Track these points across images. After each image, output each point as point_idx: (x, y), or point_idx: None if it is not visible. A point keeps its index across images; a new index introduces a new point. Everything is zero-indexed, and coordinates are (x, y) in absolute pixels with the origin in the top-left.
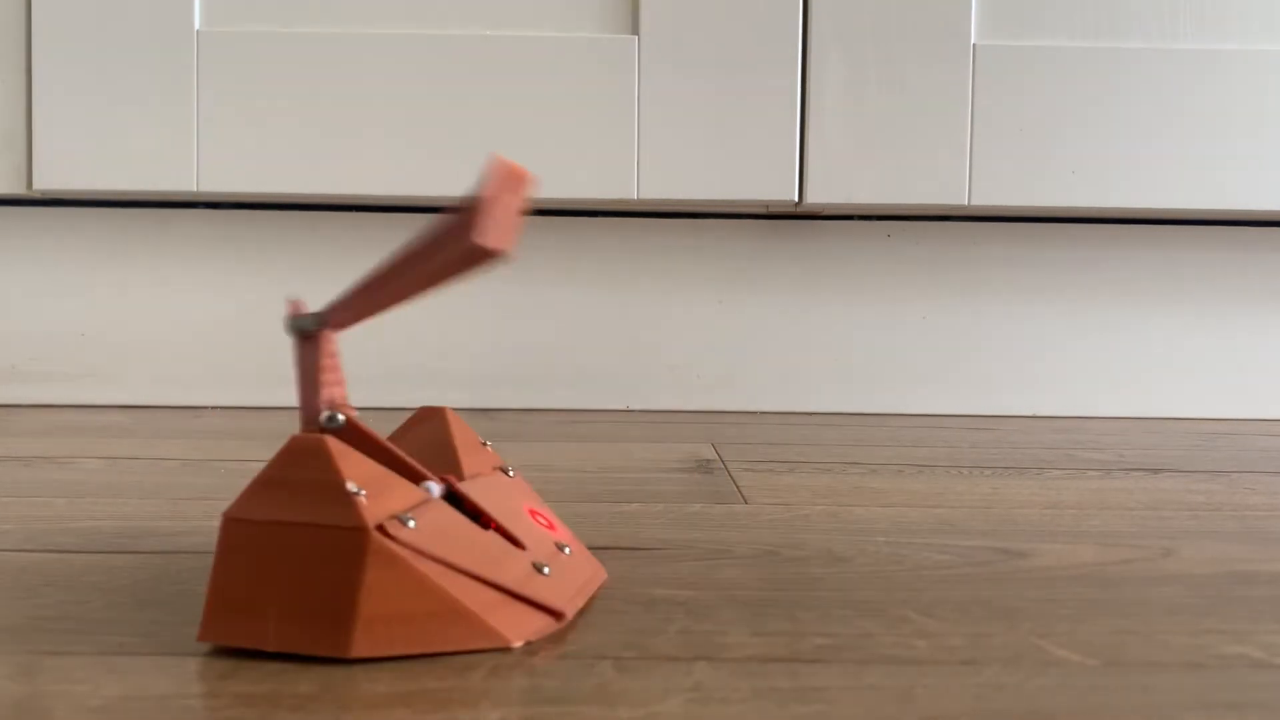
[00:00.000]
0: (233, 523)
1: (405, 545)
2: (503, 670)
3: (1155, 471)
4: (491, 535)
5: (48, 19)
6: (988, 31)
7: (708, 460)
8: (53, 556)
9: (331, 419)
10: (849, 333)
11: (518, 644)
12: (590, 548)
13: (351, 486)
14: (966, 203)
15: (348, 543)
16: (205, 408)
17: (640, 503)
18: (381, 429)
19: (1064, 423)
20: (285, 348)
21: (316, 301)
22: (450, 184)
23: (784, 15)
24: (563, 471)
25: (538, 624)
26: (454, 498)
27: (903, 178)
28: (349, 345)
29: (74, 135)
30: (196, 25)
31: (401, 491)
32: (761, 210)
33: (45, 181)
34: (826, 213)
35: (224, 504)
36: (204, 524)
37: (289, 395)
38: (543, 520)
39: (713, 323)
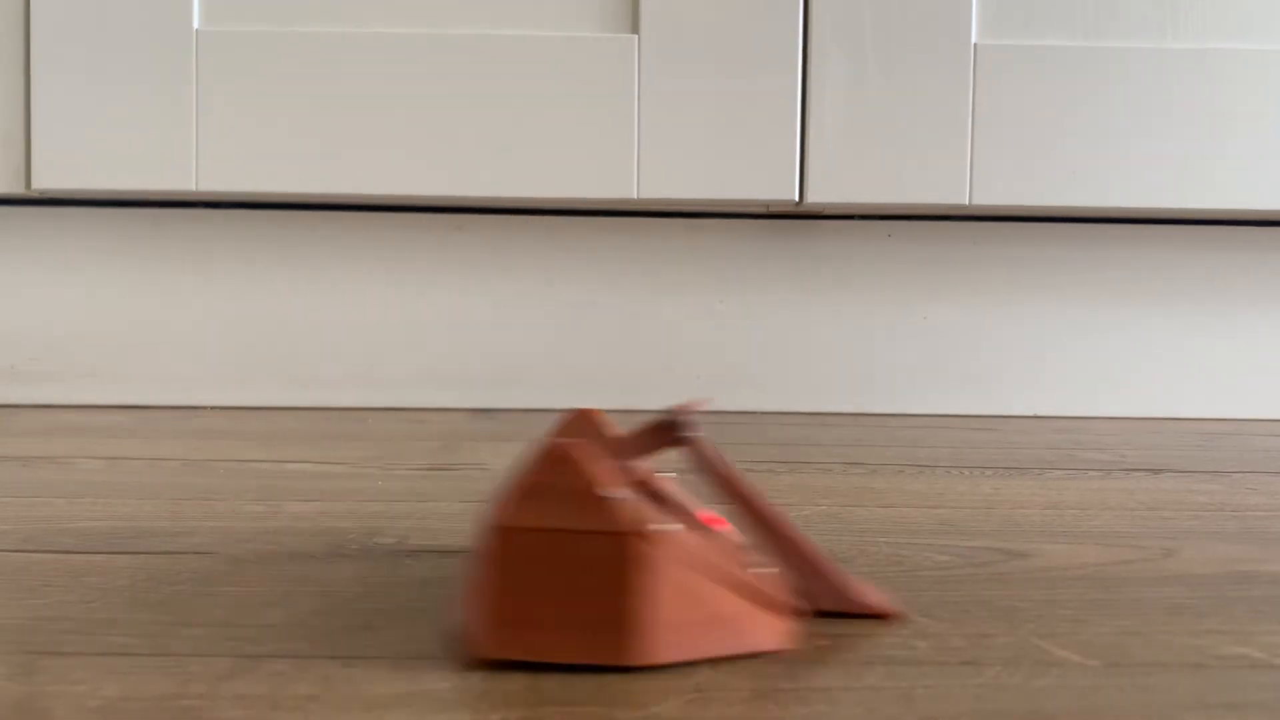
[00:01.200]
0: (507, 531)
1: (675, 550)
2: (503, 670)
3: (1156, 472)
4: (726, 538)
5: (47, 18)
6: (988, 31)
7: None
8: (52, 556)
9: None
10: (849, 333)
11: (790, 645)
12: None
13: (617, 493)
14: (967, 203)
15: (625, 548)
16: (205, 408)
17: None
18: (390, 428)
19: (1065, 423)
20: (284, 348)
21: (317, 301)
22: (451, 184)
23: (784, 15)
24: None
25: (789, 623)
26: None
27: (903, 177)
28: (350, 347)
29: (73, 135)
30: (196, 24)
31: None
32: (761, 210)
33: (44, 181)
34: (826, 213)
35: (224, 504)
36: (203, 524)
37: (288, 395)
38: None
39: (713, 323)
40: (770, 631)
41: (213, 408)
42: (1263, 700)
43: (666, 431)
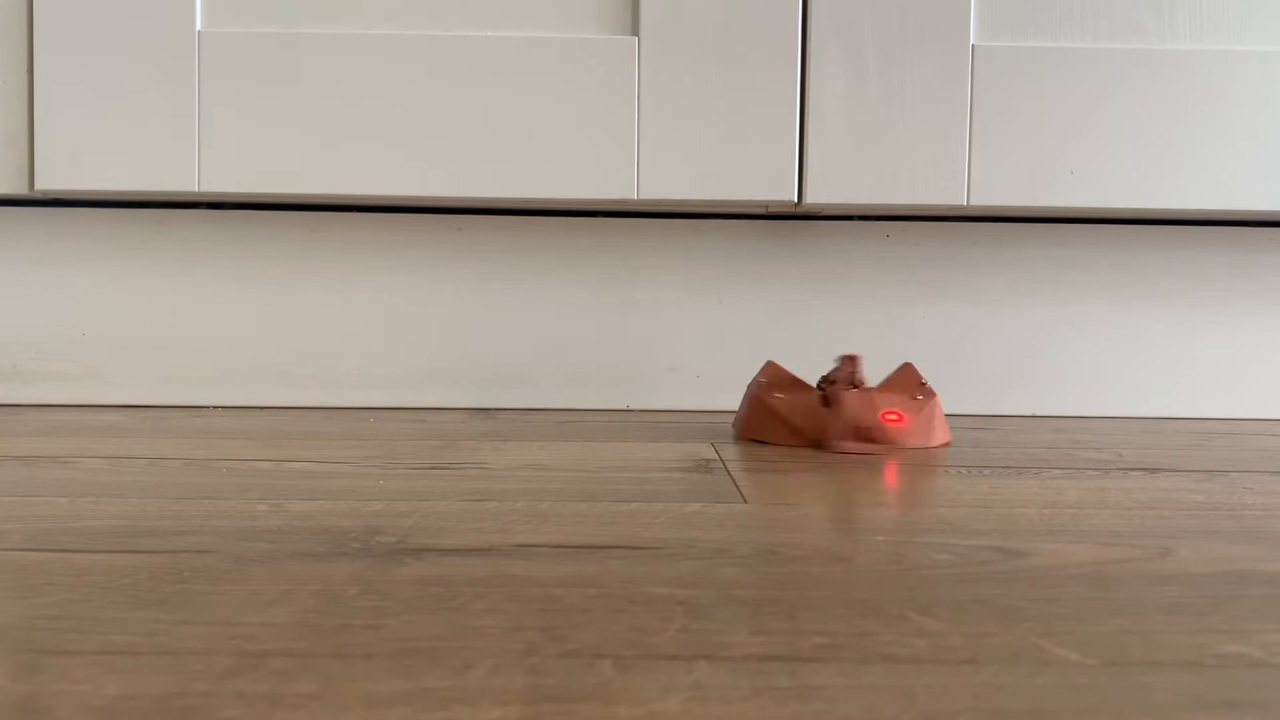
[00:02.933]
0: (755, 397)
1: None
2: (503, 669)
3: (1154, 471)
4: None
5: (50, 19)
6: (988, 32)
7: (707, 460)
8: (54, 555)
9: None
10: (848, 333)
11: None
12: (590, 547)
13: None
14: (965, 203)
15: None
16: (206, 407)
17: (640, 502)
18: (390, 428)
19: (1062, 422)
20: (285, 348)
21: (318, 301)
22: (451, 184)
23: (784, 15)
24: (563, 471)
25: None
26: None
27: (902, 178)
28: (350, 347)
29: (76, 135)
30: (198, 26)
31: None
32: (761, 210)
33: (47, 182)
34: (826, 213)
35: (225, 503)
36: (205, 523)
37: (289, 395)
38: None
39: (713, 323)
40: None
41: (214, 407)
42: (1260, 699)
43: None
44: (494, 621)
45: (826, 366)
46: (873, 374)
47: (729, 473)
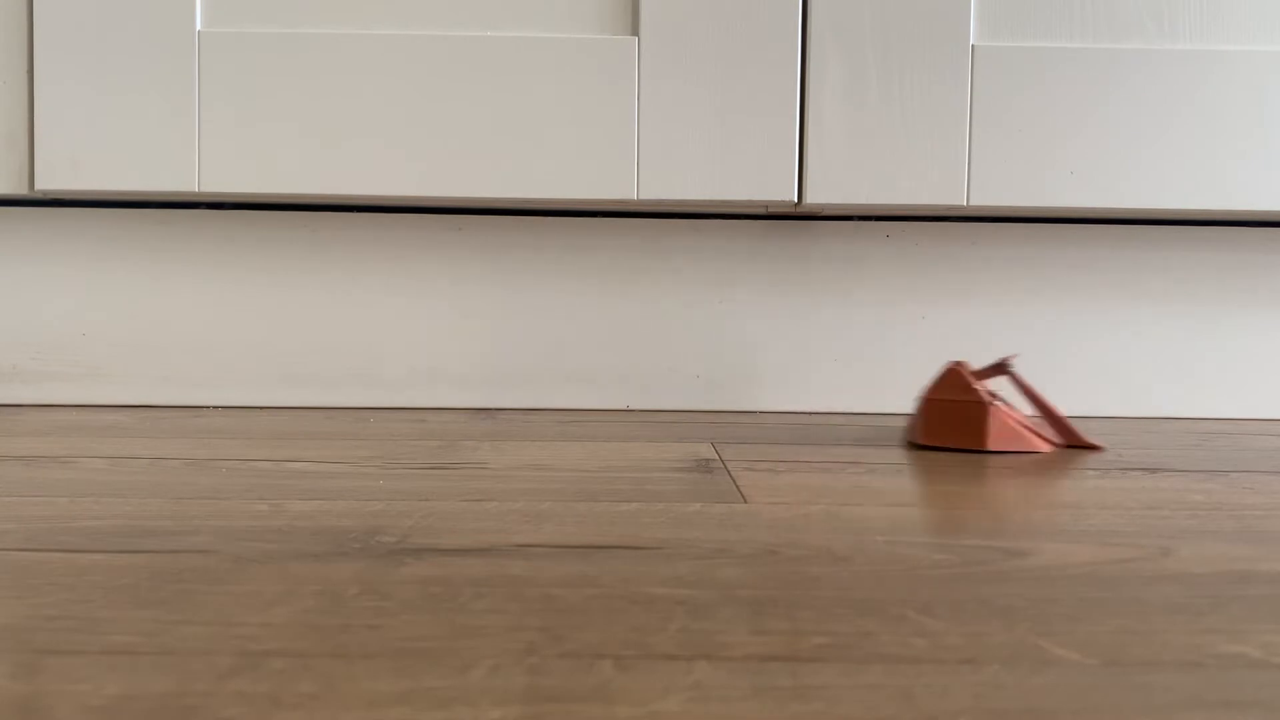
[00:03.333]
0: (928, 400)
1: (999, 409)
2: (503, 669)
3: (1153, 471)
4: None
5: (50, 19)
6: (987, 32)
7: (708, 460)
8: (54, 555)
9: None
10: (848, 333)
11: (1048, 451)
12: (590, 547)
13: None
14: (965, 203)
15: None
16: (206, 407)
17: (640, 502)
18: (390, 428)
19: None
20: (285, 348)
21: (317, 301)
22: (451, 184)
23: (784, 15)
24: (563, 471)
25: (1047, 444)
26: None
27: (901, 178)
28: (350, 347)
29: (76, 136)
30: (198, 26)
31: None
32: (761, 210)
33: (47, 182)
34: (826, 213)
35: (226, 503)
36: (205, 523)
37: (289, 395)
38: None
39: (713, 323)
40: (1040, 446)
41: (214, 407)
42: (1260, 699)
43: (1001, 367)
44: (494, 621)
45: (824, 367)
46: (879, 375)
47: (729, 473)
